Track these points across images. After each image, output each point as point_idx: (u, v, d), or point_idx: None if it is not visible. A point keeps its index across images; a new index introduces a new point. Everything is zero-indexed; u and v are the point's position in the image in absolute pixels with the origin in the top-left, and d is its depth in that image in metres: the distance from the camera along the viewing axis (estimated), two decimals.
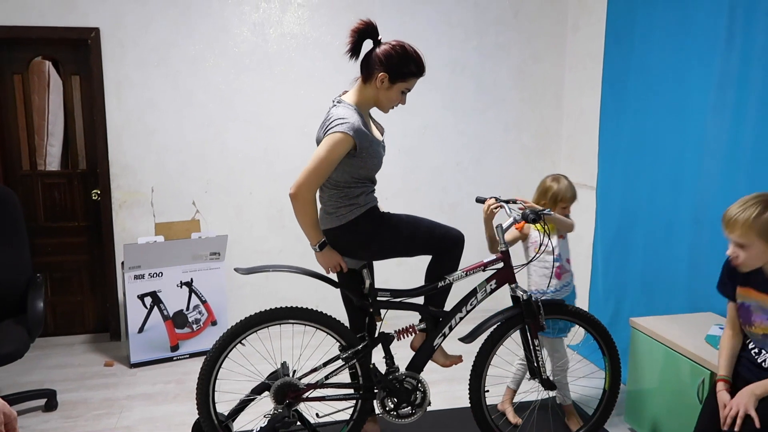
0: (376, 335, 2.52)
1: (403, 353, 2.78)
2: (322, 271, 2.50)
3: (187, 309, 3.69)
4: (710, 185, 2.87)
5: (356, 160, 2.24)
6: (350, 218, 2.33)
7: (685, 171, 3.04)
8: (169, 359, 3.65)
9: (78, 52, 3.82)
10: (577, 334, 3.79)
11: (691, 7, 2.97)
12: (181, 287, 3.66)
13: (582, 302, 3.84)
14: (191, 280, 3.68)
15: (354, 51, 2.27)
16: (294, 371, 2.48)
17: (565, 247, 2.80)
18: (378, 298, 2.48)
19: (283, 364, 2.48)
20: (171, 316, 3.64)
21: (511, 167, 4.45)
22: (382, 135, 2.44)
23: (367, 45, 2.29)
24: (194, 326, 3.71)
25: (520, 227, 2.75)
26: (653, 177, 3.26)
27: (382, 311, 2.50)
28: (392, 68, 2.22)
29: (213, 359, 2.37)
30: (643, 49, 3.34)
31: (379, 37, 2.27)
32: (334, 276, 2.53)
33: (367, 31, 2.24)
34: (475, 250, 4.41)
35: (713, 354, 2.29)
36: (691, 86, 2.99)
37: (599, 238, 3.74)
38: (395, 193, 4.22)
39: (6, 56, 3.77)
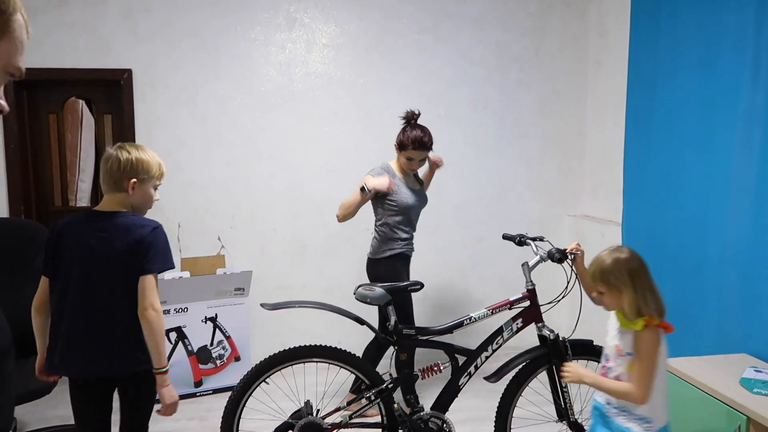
0: (401, 374, 2.50)
1: (427, 392, 2.75)
2: (346, 308, 2.51)
3: (211, 344, 3.70)
4: (738, 223, 2.82)
5: (381, 201, 3.10)
6: (379, 256, 3.17)
7: (712, 208, 3.00)
8: (193, 395, 3.65)
9: (111, 91, 3.96)
10: None
11: (715, 44, 2.98)
12: (205, 322, 3.68)
13: None
14: (216, 315, 3.70)
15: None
16: (318, 410, 2.47)
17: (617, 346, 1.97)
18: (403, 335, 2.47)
19: (307, 403, 2.47)
20: (195, 351, 3.65)
21: (533, 203, 4.44)
22: (419, 187, 3.28)
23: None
24: (218, 362, 3.72)
25: None
26: (680, 214, 3.22)
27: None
28: (399, 143, 3.12)
29: (237, 398, 2.37)
30: (667, 85, 3.35)
31: (413, 121, 3.13)
32: (355, 310, 2.53)
33: (410, 117, 3.14)
34: (499, 287, 4.38)
35: (749, 398, 2.22)
36: (716, 122, 2.97)
37: None
38: (417, 229, 4.22)
39: (43, 97, 3.92)
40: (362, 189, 2.96)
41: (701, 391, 2.41)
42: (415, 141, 3.03)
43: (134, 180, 2.00)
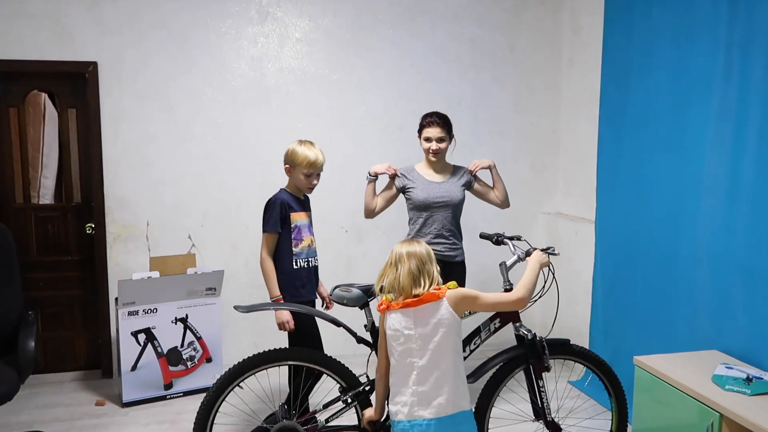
0: None
1: None
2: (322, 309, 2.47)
3: (182, 346, 3.61)
4: (709, 221, 2.86)
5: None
6: None
7: (684, 206, 3.03)
8: (163, 398, 3.56)
9: (75, 85, 3.82)
10: (577, 370, 3.74)
11: (688, 43, 3.00)
12: (175, 323, 3.59)
13: (582, 339, 3.80)
14: (186, 315, 3.61)
15: None
16: (293, 413, 2.42)
17: None
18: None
19: (282, 406, 2.42)
20: (165, 353, 3.56)
21: None
22: (444, 179, 3.21)
23: None
24: (189, 363, 3.63)
25: None
26: (652, 211, 3.26)
27: None
28: (418, 128, 3.20)
29: (210, 402, 2.31)
30: (640, 83, 3.37)
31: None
32: (333, 313, 2.50)
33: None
34: (476, 287, 4.37)
35: (722, 395, 2.25)
36: (689, 120, 3.01)
37: (599, 273, 3.71)
38: (392, 226, 4.19)
39: (2, 89, 3.76)
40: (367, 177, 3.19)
41: (674, 387, 2.44)
42: (425, 116, 3.14)
43: (287, 166, 2.79)
